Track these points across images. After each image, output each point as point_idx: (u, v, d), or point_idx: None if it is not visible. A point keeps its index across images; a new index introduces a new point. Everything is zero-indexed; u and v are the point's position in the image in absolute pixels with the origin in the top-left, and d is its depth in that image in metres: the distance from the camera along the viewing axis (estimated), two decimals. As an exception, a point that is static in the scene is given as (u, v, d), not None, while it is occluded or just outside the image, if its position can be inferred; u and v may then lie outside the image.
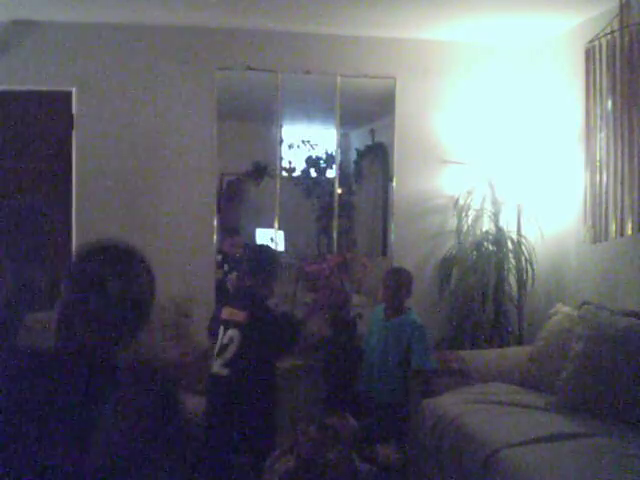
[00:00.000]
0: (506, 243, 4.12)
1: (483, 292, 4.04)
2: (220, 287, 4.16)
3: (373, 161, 4.65)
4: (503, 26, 3.98)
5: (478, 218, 4.22)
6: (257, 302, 3.02)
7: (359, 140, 4.68)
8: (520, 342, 4.00)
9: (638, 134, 3.14)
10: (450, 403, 3.11)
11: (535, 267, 4.02)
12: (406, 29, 4.09)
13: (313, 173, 4.59)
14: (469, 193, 4.19)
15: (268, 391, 2.98)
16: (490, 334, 4.05)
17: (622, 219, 3.24)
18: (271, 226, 4.32)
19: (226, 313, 3.02)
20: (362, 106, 4.57)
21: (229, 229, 4.46)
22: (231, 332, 2.93)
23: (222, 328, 2.98)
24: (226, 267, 4.31)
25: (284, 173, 4.46)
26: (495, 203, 4.19)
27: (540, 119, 4.14)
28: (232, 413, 2.92)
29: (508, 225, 4.16)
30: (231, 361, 2.90)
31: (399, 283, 3.48)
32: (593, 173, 3.47)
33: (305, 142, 4.57)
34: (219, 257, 4.28)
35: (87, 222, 4.01)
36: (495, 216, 4.19)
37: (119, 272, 1.36)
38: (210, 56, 4.14)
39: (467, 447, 2.75)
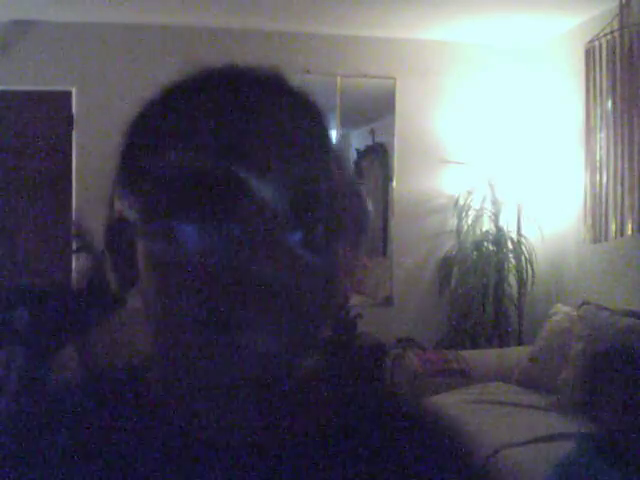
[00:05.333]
0: (506, 243, 4.12)
1: (483, 292, 4.04)
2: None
3: (373, 161, 4.65)
4: (503, 26, 3.97)
5: (478, 218, 4.22)
6: None
7: (359, 140, 4.67)
8: (520, 342, 4.00)
9: (638, 134, 3.14)
10: (450, 403, 3.11)
11: (535, 267, 4.02)
12: (406, 29, 4.09)
13: (313, 173, 4.58)
14: (469, 193, 4.19)
15: None
16: (490, 334, 4.05)
17: (622, 219, 3.23)
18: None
19: None
20: (362, 106, 4.57)
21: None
22: None
23: None
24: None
25: (284, 173, 4.46)
26: (495, 203, 4.19)
27: (540, 119, 4.13)
28: None
29: (508, 225, 4.16)
30: None
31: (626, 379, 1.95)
32: (593, 173, 3.46)
33: (305, 142, 4.56)
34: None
35: (87, 222, 4.01)
36: (495, 216, 4.19)
37: None
38: (210, 56, 4.11)
39: (467, 447, 2.75)
